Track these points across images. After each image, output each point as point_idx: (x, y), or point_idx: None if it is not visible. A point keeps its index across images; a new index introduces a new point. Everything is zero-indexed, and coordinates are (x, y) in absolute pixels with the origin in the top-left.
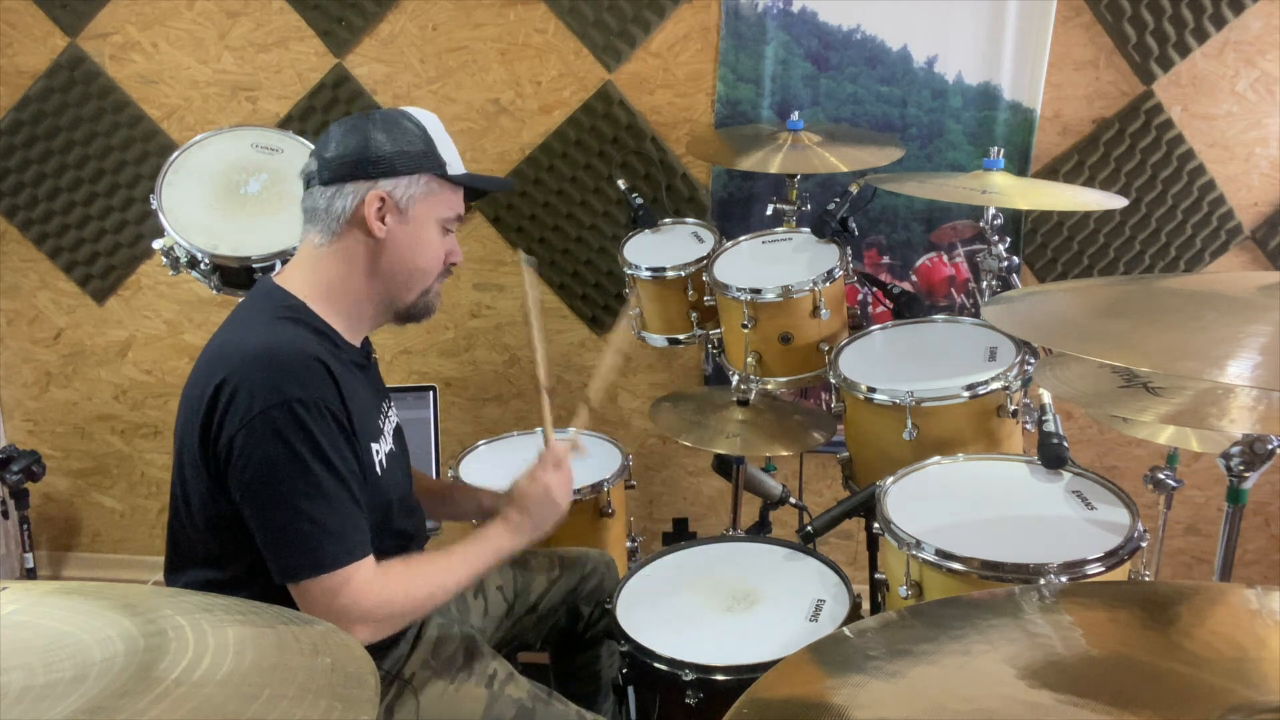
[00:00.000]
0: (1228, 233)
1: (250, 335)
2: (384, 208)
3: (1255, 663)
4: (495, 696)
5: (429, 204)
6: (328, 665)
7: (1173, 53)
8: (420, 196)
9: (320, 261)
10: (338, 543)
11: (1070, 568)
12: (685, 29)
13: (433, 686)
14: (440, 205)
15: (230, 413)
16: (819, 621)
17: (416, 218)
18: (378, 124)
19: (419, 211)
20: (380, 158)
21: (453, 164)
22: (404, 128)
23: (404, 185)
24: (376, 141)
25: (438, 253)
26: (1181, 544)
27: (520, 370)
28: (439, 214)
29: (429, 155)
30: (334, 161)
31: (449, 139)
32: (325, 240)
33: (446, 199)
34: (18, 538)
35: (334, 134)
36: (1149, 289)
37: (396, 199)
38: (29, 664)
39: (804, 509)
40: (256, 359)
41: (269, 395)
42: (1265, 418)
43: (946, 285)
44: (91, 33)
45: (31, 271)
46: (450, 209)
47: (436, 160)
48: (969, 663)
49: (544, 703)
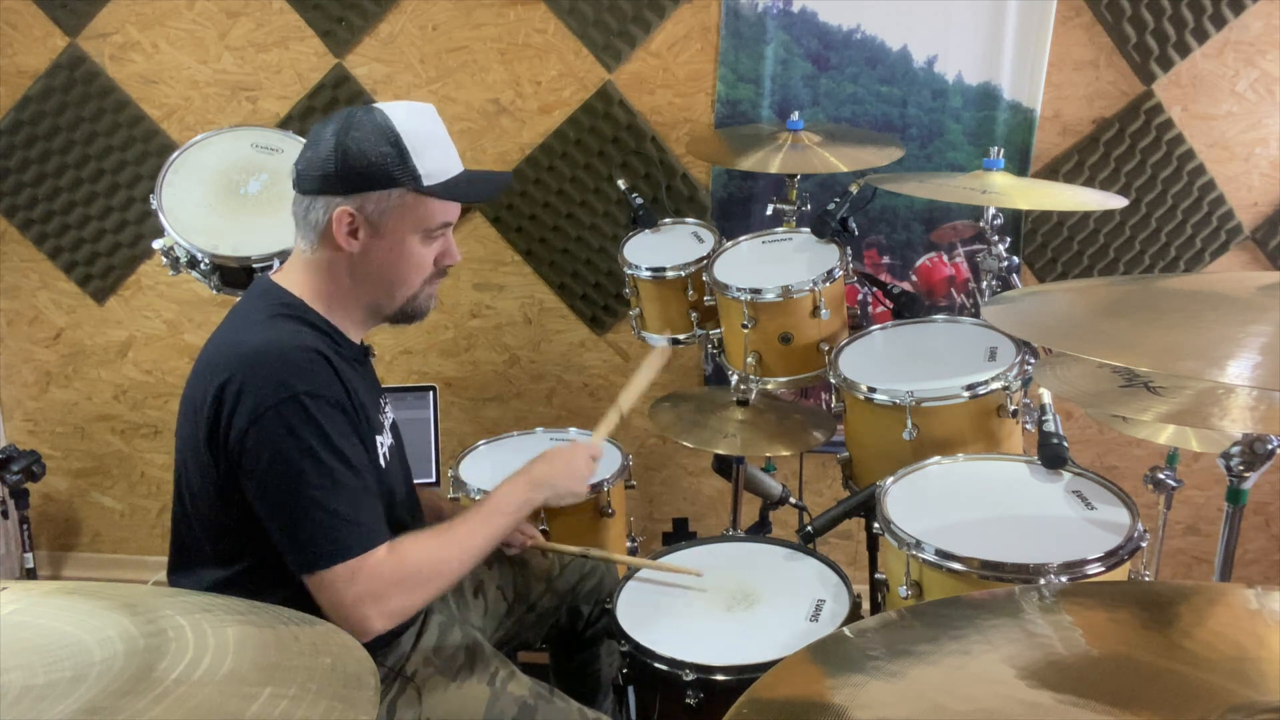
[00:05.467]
0: (1228, 233)
1: (251, 333)
2: (354, 223)
3: (1255, 663)
4: (498, 694)
5: (404, 216)
6: (328, 665)
7: (1173, 53)
8: (394, 210)
9: (309, 266)
10: (354, 530)
11: (1070, 568)
12: (685, 29)
13: (435, 684)
14: (419, 217)
15: (238, 410)
16: (819, 621)
17: (392, 231)
18: (352, 131)
19: (393, 225)
20: (350, 172)
21: (434, 171)
22: (378, 136)
23: (374, 200)
24: (349, 154)
25: (419, 262)
26: (1181, 544)
27: (520, 370)
28: (419, 225)
29: (402, 168)
30: (306, 172)
31: (439, 136)
32: (308, 248)
33: (427, 209)
34: (18, 538)
35: (313, 138)
36: (1149, 289)
37: (366, 214)
38: (29, 664)
39: (804, 509)
40: (260, 356)
41: (276, 391)
42: (1265, 418)
43: (946, 285)
44: (91, 33)
45: (31, 271)
46: (433, 219)
47: (410, 172)
48: (969, 663)
49: (546, 700)
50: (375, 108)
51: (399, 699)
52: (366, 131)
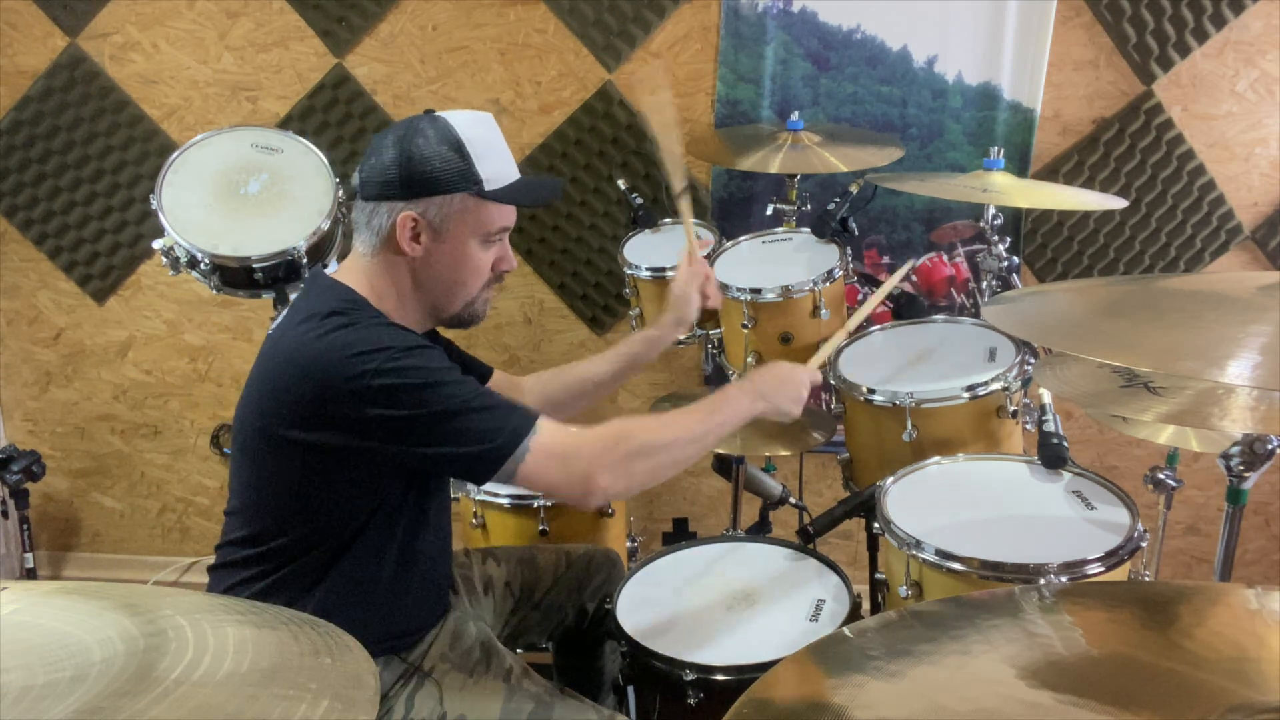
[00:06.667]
0: (1228, 233)
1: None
2: (417, 228)
3: (1255, 663)
4: (513, 690)
5: (466, 221)
6: (328, 665)
7: (1173, 53)
8: (456, 215)
9: (368, 270)
10: (512, 410)
11: (1070, 568)
12: (685, 29)
13: (452, 678)
14: (480, 221)
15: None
16: (819, 621)
17: (454, 235)
18: (415, 138)
19: (455, 229)
20: (413, 177)
21: (494, 177)
22: (442, 142)
23: (437, 205)
24: (412, 160)
25: (478, 266)
26: (1181, 544)
27: (520, 370)
28: (479, 229)
29: (465, 173)
30: (371, 179)
31: (499, 144)
32: (368, 252)
33: (487, 214)
34: (18, 538)
35: (375, 146)
36: (1149, 289)
37: (430, 219)
38: (29, 664)
39: (804, 509)
40: (346, 334)
41: (369, 360)
42: (1265, 418)
43: (946, 285)
44: (91, 33)
45: (31, 271)
46: (492, 223)
47: (473, 177)
48: (969, 663)
49: (559, 698)
50: (438, 115)
51: (417, 693)
52: (430, 138)
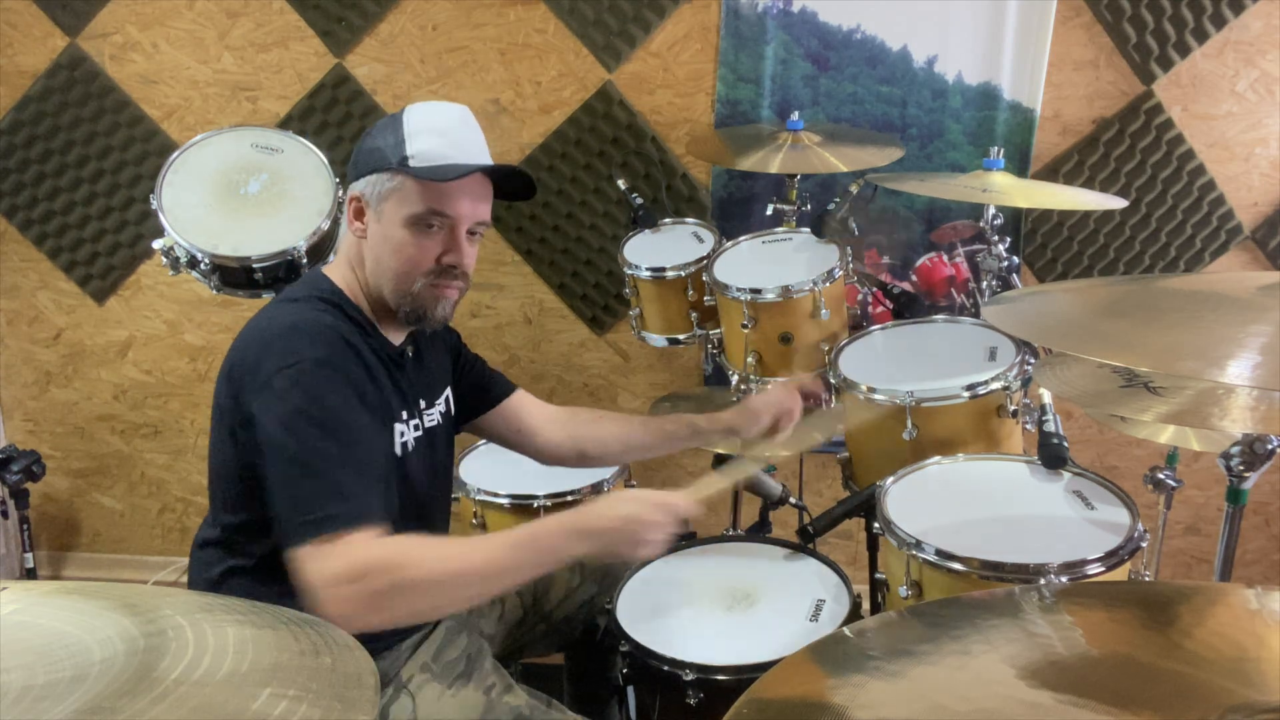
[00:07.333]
0: (1228, 233)
1: (283, 313)
2: (360, 204)
3: (1255, 663)
4: (492, 705)
5: (396, 200)
6: (328, 665)
7: (1173, 53)
8: (388, 193)
9: (343, 258)
10: (343, 502)
11: (1070, 568)
12: (685, 29)
13: (429, 690)
14: (406, 199)
15: (252, 377)
16: (819, 621)
17: (388, 215)
18: (375, 125)
19: (389, 210)
20: (359, 157)
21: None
22: (388, 124)
23: (372, 183)
24: (363, 142)
25: (410, 253)
26: (1181, 544)
27: (520, 370)
28: (406, 208)
29: (395, 148)
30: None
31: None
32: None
33: (414, 192)
34: (18, 538)
35: None
36: (1149, 289)
37: (367, 198)
38: (29, 664)
39: (804, 509)
40: (281, 329)
41: (285, 358)
42: (1265, 418)
43: (946, 285)
44: (91, 33)
45: (31, 271)
46: (419, 203)
47: (400, 153)
48: (969, 663)
49: (542, 712)
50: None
51: (391, 705)
52: (383, 123)
